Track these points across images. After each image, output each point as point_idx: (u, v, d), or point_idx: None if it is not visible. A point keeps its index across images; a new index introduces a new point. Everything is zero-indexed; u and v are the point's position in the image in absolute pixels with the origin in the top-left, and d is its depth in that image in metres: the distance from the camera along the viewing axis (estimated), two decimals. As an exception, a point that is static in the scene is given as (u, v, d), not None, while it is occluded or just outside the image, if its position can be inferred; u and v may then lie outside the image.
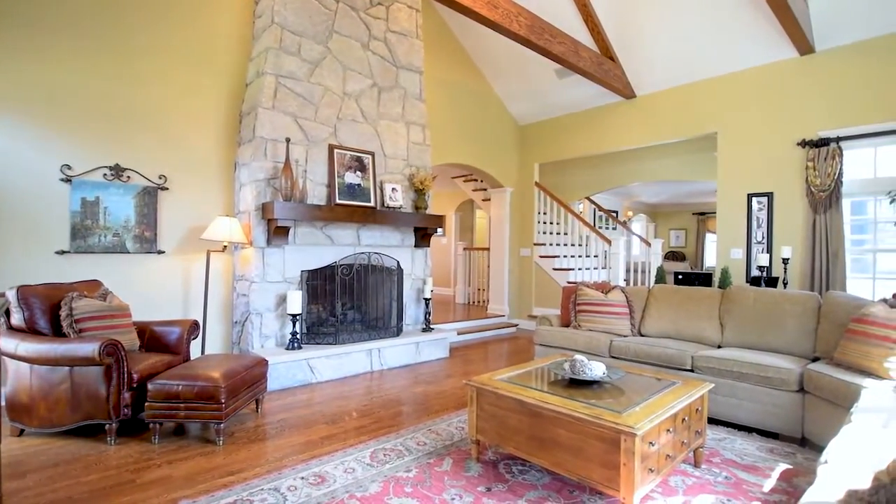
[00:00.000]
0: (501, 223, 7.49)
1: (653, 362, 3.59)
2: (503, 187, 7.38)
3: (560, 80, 6.37)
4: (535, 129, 7.39)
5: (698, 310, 3.92)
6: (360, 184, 4.79)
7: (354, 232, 4.82)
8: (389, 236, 5.11)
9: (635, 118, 6.16)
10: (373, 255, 4.86)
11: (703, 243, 12.78)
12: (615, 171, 8.15)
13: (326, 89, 4.64)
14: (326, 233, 4.60)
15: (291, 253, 4.39)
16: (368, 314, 5.03)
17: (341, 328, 4.60)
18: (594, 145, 6.63)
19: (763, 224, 5.05)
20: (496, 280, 7.51)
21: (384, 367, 4.69)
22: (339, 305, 4.77)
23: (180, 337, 3.43)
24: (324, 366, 4.23)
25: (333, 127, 4.70)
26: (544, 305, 7.16)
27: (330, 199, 4.59)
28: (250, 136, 4.27)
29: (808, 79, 4.78)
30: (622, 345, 3.78)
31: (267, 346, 4.24)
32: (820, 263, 4.61)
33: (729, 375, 3.20)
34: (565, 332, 4.16)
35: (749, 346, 3.58)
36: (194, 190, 4.32)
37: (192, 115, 4.30)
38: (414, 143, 5.39)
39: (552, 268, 7.08)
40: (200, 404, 2.78)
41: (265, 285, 4.23)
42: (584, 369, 2.53)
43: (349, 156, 4.75)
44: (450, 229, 11.15)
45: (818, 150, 4.65)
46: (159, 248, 4.12)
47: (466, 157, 6.70)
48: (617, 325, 4.06)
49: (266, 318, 4.24)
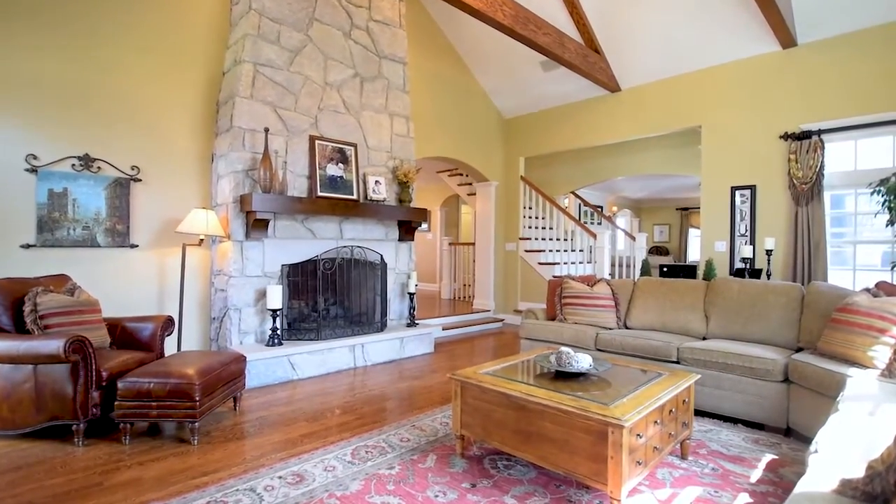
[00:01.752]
0: (487, 218, 7.44)
1: (639, 354, 3.56)
2: (488, 181, 7.32)
3: (545, 72, 6.32)
4: (521, 123, 7.34)
5: (683, 302, 3.91)
6: (343, 176, 4.68)
7: (337, 225, 4.71)
8: (373, 230, 5.01)
9: (620, 111, 6.14)
10: (356, 248, 4.76)
11: (687, 238, 12.91)
12: (600, 165, 8.15)
13: (307, 79, 4.52)
14: (308, 226, 4.49)
15: (271, 247, 4.27)
16: (351, 309, 4.93)
17: (323, 324, 4.49)
18: (580, 139, 6.60)
19: (746, 217, 5.07)
20: (482, 275, 7.46)
21: (368, 363, 4.60)
22: (321, 300, 4.66)
23: (153, 333, 3.30)
24: (305, 362, 4.13)
25: (314, 118, 4.58)
26: (530, 300, 7.13)
27: (311, 191, 4.47)
28: (228, 126, 4.13)
29: (790, 72, 4.80)
30: (608, 337, 3.75)
31: (246, 342, 4.12)
32: (802, 255, 4.65)
33: (714, 367, 3.18)
34: (551, 326, 4.12)
35: (734, 337, 3.58)
36: (169, 181, 4.17)
37: (166, 104, 4.15)
38: (398, 135, 5.29)
39: (538, 262, 7.05)
40: (173, 402, 2.66)
41: (244, 280, 4.11)
42: (571, 361, 2.48)
43: (331, 147, 4.64)
44: (435, 225, 11.07)
45: (800, 142, 4.67)
46: (132, 241, 3.97)
47: (451, 151, 6.63)
48: (603, 318, 4.03)
49: (245, 313, 4.12)
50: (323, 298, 4.68)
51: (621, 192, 12.02)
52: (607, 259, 6.34)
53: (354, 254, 4.75)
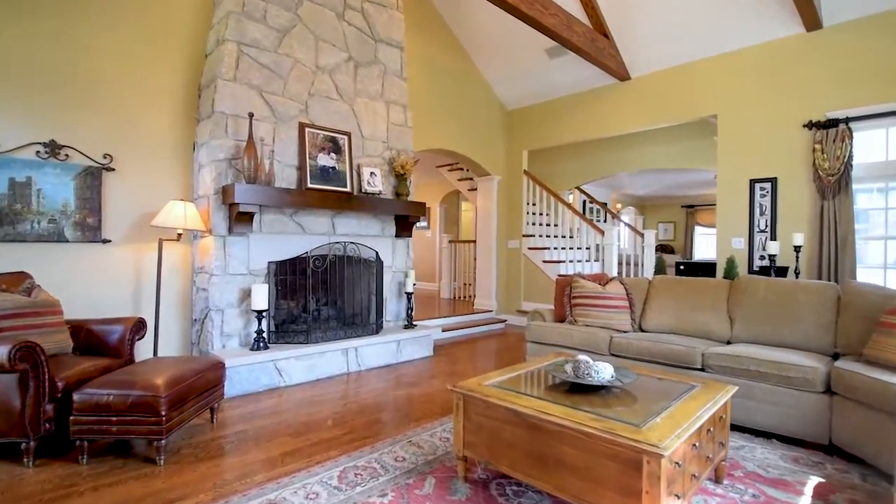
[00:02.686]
0: (488, 214, 7.11)
1: (658, 360, 3.24)
2: (490, 176, 7.00)
3: (551, 60, 5.99)
4: (524, 114, 7.01)
5: (704, 302, 3.59)
6: (335, 167, 4.36)
7: (328, 220, 4.38)
8: (368, 225, 4.69)
9: (630, 101, 5.82)
10: (349, 245, 4.43)
11: (693, 236, 12.59)
12: (606, 159, 7.83)
13: (296, 61, 4.19)
14: (297, 220, 4.16)
15: (257, 242, 3.94)
16: (344, 310, 4.61)
17: (314, 326, 4.17)
18: (586, 130, 6.28)
19: (767, 211, 4.75)
20: (483, 274, 7.14)
21: (362, 367, 4.27)
22: (312, 301, 4.34)
23: (122, 338, 2.98)
24: (293, 368, 3.81)
25: (304, 103, 4.25)
26: (534, 300, 6.82)
27: (301, 182, 4.15)
28: (209, 112, 3.80)
29: (815, 56, 4.48)
30: (623, 341, 3.43)
31: (229, 346, 3.80)
32: (828, 252, 4.33)
33: (745, 375, 2.86)
34: (560, 328, 3.80)
35: (761, 341, 3.26)
36: (146, 171, 3.84)
37: (143, 88, 3.82)
38: (394, 125, 4.97)
39: (542, 260, 6.73)
40: (136, 417, 2.34)
41: (226, 278, 3.78)
42: (590, 372, 2.16)
43: (322, 136, 4.31)
44: (434, 222, 10.74)
45: (826, 131, 4.35)
46: (104, 236, 3.64)
47: (451, 143, 6.30)
48: (616, 320, 3.71)
49: (228, 315, 3.79)
50: (314, 298, 4.36)
51: (625, 188, 11.69)
52: (615, 257, 6.02)
53: (348, 250, 4.43)
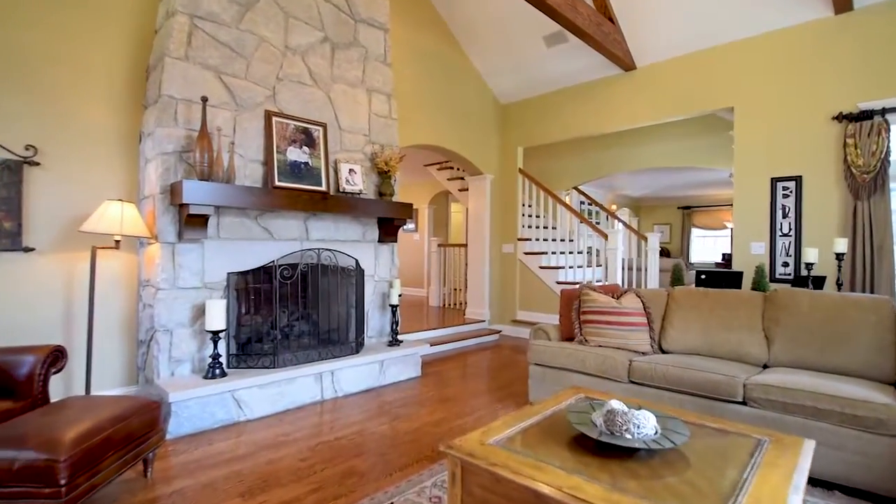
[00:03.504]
0: (481, 215, 6.59)
1: (688, 391, 2.74)
2: (482, 174, 6.47)
3: (549, 48, 5.50)
4: (519, 109, 6.51)
5: (736, 319, 3.10)
6: (308, 162, 3.80)
7: (301, 223, 3.82)
8: (346, 229, 4.13)
9: (635, 93, 5.34)
10: (324, 252, 3.87)
11: (689, 239, 12.22)
12: (607, 157, 7.36)
13: (262, 40, 3.62)
14: (262, 224, 3.59)
15: (214, 250, 3.36)
16: (319, 327, 4.04)
17: (283, 346, 3.60)
18: (586, 126, 5.79)
19: (790, 213, 4.29)
20: (475, 280, 6.61)
21: (339, 393, 3.71)
22: (282, 317, 3.77)
23: (32, 372, 2.38)
24: (256, 398, 3.23)
25: (272, 89, 3.68)
26: (530, 309, 6.31)
27: (267, 180, 3.58)
28: (156, 96, 3.22)
29: (845, 41, 4.03)
30: (646, 366, 2.92)
31: (179, 373, 3.21)
32: (862, 259, 3.88)
33: (799, 411, 2.37)
34: (568, 349, 3.28)
35: (806, 365, 2.78)
36: (81, 167, 3.24)
37: (78, 69, 3.22)
38: (377, 116, 4.42)
39: (539, 266, 6.22)
40: (26, 489, 1.76)
41: (175, 293, 3.19)
42: (629, 426, 1.64)
43: (293, 126, 3.75)
44: (423, 224, 10.20)
45: (859, 124, 3.91)
46: (26, 244, 3.03)
47: (440, 139, 5.77)
48: (633, 340, 3.21)
49: (178, 336, 3.20)
50: (283, 314, 3.79)
51: (622, 189, 11.27)
52: (620, 263, 5.53)
53: (323, 258, 3.87)
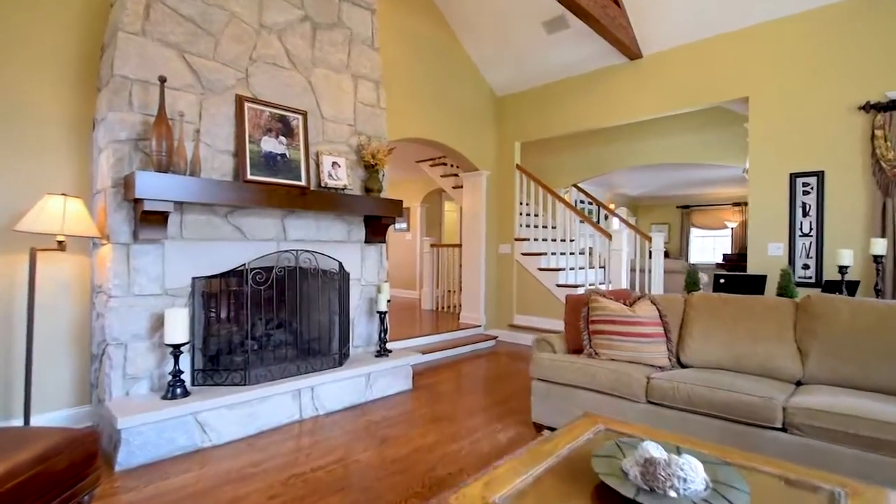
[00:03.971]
0: (476, 214, 6.23)
1: (717, 414, 2.39)
2: (478, 171, 6.12)
3: (550, 35, 5.15)
4: (517, 101, 6.15)
5: (764, 329, 2.76)
6: (286, 154, 3.41)
7: (277, 222, 3.43)
8: (329, 228, 3.75)
9: (641, 84, 5.01)
10: (304, 253, 3.48)
11: (688, 239, 11.96)
12: (609, 153, 7.02)
13: (232, 16, 3.24)
14: (233, 222, 3.21)
15: (177, 252, 2.97)
16: (299, 337, 3.66)
17: (255, 360, 3.21)
18: (589, 119, 5.45)
19: (811, 211, 3.98)
20: (470, 283, 6.25)
21: (320, 412, 3.33)
22: (255, 326, 3.39)
23: (-59, 399, 1.98)
24: (223, 420, 2.85)
25: (244, 71, 3.30)
26: (528, 313, 5.96)
27: (239, 173, 3.19)
28: (108, 76, 2.82)
29: (870, 24, 3.72)
30: (666, 385, 2.57)
31: (136, 392, 2.81)
32: (893, 261, 3.57)
33: (851, 441, 2.03)
34: (577, 364, 2.92)
35: (849, 383, 2.45)
36: (21, 157, 2.84)
37: (16, 45, 2.81)
38: (363, 104, 4.04)
39: (537, 268, 5.87)
40: None
41: (131, 301, 2.80)
42: (673, 480, 1.28)
43: (268, 114, 3.36)
44: (414, 223, 9.82)
45: (889, 114, 3.60)
46: (-46, 245, 2.63)
47: (433, 132, 5.40)
48: (648, 352, 2.86)
49: (134, 350, 2.81)
50: (258, 323, 3.40)
51: (619, 188, 10.97)
52: (625, 265, 5.20)
53: (302, 260, 3.48)
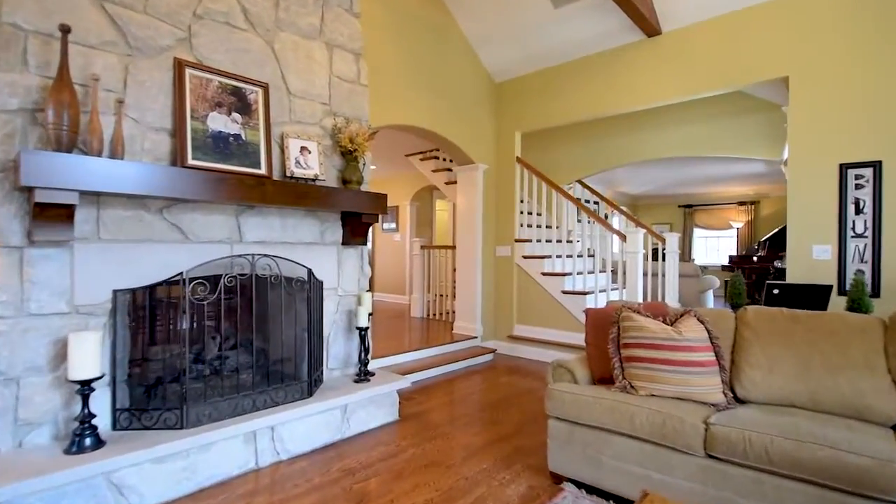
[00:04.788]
0: (471, 212, 5.60)
1: (807, 478, 1.78)
2: (474, 164, 5.48)
3: (556, 9, 4.53)
4: (518, 87, 5.53)
5: (844, 355, 2.17)
6: (240, 135, 2.75)
7: (230, 219, 2.77)
8: (298, 227, 3.09)
9: (660, 64, 4.41)
10: (263, 259, 2.82)
11: (691, 239, 11.45)
12: (618, 145, 6.40)
13: (171, -41, 2.57)
14: (171, 219, 2.54)
15: (91, 257, 2.30)
16: (256, 362, 2.99)
17: (201, 392, 2.54)
18: (599, 105, 4.84)
19: (866, 208, 3.40)
20: (465, 289, 5.62)
21: (282, 456, 2.67)
22: (207, 348, 2.72)
23: None
24: (149, 479, 2.18)
25: (186, 29, 2.63)
26: (530, 323, 5.34)
27: (177, 156, 2.53)
28: (-3, 27, 2.15)
29: (941, -12, 3.16)
30: (734, 435, 1.94)
31: (33, 443, 2.14)
32: (971, 268, 3.01)
33: None
34: (608, 400, 2.29)
35: (972, 432, 1.85)
36: None
37: None
38: (340, 79, 3.39)
39: (540, 272, 5.26)
40: None
41: (26, 323, 2.12)
42: None
43: (217, 84, 2.70)
44: (404, 223, 9.17)
45: (965, 93, 3.03)
46: None
47: (423, 119, 4.76)
48: (700, 386, 2.25)
49: (30, 387, 2.13)
50: (203, 347, 2.74)
51: (620, 186, 10.42)
52: (640, 270, 4.59)
53: (260, 267, 2.82)
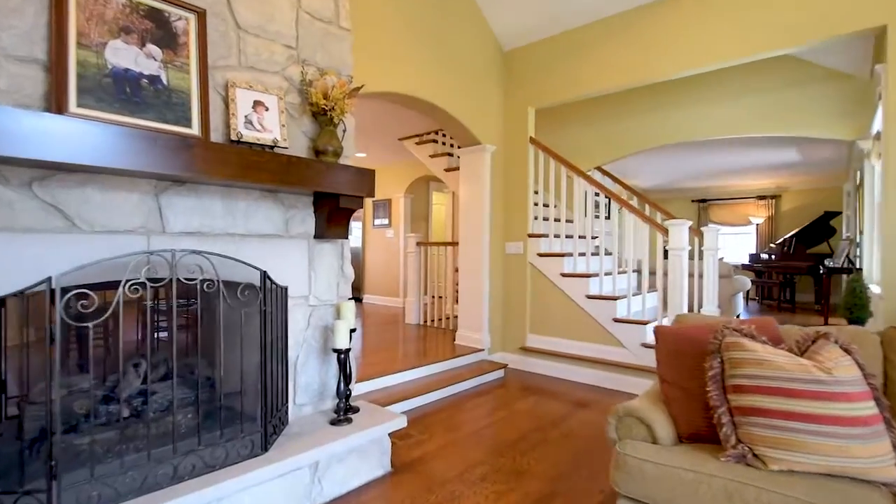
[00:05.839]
0: (477, 202, 4.77)
1: None
2: (480, 145, 4.65)
3: (583, -49, 3.71)
4: (532, 54, 4.70)
5: None
6: (161, 78, 1.90)
7: (148, 200, 1.92)
8: (252, 214, 2.24)
9: (711, 17, 3.60)
10: (195, 255, 1.96)
11: (706, 237, 10.70)
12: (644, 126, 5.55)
13: None
14: (46, 197, 1.69)
15: None
16: (193, 400, 2.13)
17: (77, 460, 1.69)
18: (632, 73, 4.02)
19: None
20: (469, 293, 4.79)
21: (218, 546, 1.83)
22: (127, 378, 1.88)
23: None
24: None
25: (72, -87, 1.78)
26: (547, 333, 4.52)
27: (52, 100, 1.67)
28: None
29: None
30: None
31: None
32: None
33: None
34: (718, 478, 1.46)
35: None
36: None
37: None
38: (313, 17, 2.54)
39: (559, 273, 4.44)
40: None
41: None
42: None
43: (124, 1, 1.85)
44: (397, 217, 8.32)
45: None
46: None
47: (421, 89, 3.92)
48: (863, 456, 1.44)
49: None
50: (125, 380, 1.89)
51: (632, 178, 9.64)
52: (684, 271, 3.78)
53: (184, 268, 1.95)
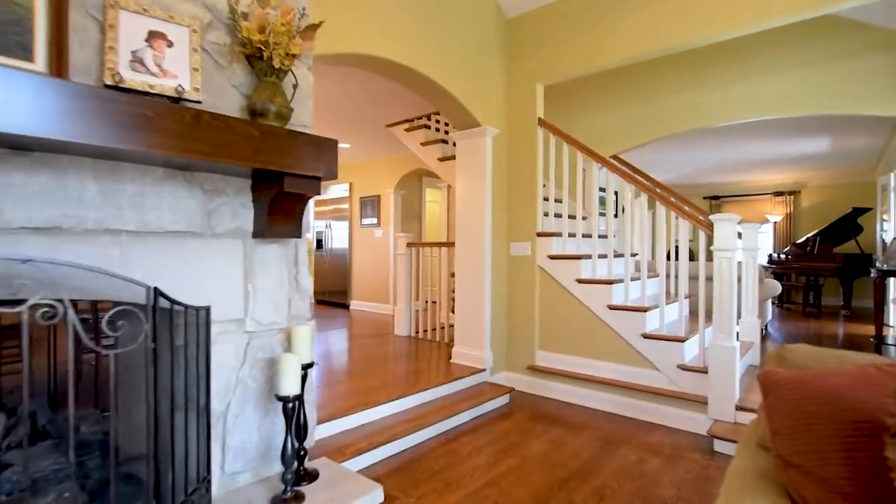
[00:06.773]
0: (477, 195, 4.05)
1: None
2: (480, 127, 3.94)
3: None
4: (540, 20, 4.00)
5: None
6: (-25, -25, 1.18)
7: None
8: (147, 200, 1.52)
9: (766, -35, 2.91)
10: (30, 264, 1.23)
11: (719, 236, 10.07)
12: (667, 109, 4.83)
13: None
14: None
15: None
16: (70, 473, 1.40)
17: None
18: (661, 38, 3.32)
19: None
20: (468, 301, 4.06)
21: None
22: None
23: None
24: None
25: None
26: (559, 349, 3.81)
27: None
28: None
29: None
30: None
31: None
32: None
33: None
34: None
35: None
36: None
37: None
38: (250, -75, 1.82)
39: (575, 279, 3.73)
40: None
41: None
42: None
43: None
44: (386, 215, 7.59)
45: None
46: None
47: (403, 54, 3.20)
48: None
49: None
50: None
51: (641, 173, 8.98)
52: (733, 280, 3.07)
53: (20, 286, 1.23)
